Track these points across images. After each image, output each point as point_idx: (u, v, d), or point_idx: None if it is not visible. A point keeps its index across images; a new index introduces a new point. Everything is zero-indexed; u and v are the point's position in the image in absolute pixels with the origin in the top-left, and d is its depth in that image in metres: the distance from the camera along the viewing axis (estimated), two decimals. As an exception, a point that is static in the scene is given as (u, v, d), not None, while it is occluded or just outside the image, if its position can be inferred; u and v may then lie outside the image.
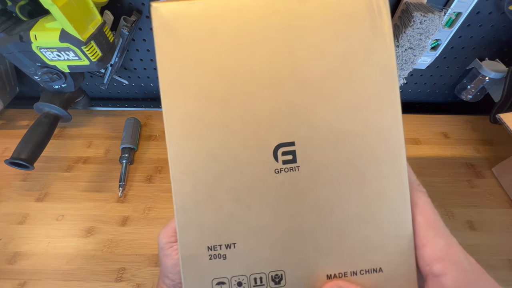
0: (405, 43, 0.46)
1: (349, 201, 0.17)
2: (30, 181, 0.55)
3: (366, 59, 0.16)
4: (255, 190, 0.17)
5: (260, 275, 0.17)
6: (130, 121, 0.61)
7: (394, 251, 0.17)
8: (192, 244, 0.17)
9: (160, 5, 0.16)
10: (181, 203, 0.17)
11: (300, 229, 0.17)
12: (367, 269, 0.17)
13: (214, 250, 0.17)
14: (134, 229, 0.49)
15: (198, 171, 0.16)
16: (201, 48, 0.16)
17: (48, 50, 0.41)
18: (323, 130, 0.16)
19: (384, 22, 0.16)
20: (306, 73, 0.16)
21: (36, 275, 0.44)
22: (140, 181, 0.55)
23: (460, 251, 0.16)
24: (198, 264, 0.17)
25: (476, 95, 0.61)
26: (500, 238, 0.48)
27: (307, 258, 0.17)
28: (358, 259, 0.17)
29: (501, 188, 0.54)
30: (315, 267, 0.17)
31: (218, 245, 0.17)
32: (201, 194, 0.17)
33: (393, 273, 0.17)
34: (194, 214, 0.17)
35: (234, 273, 0.17)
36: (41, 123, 0.49)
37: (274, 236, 0.17)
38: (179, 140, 0.16)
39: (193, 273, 0.17)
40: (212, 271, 0.17)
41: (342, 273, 0.17)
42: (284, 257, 0.17)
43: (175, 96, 0.16)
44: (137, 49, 0.57)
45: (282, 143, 0.16)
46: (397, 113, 0.17)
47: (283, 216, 0.17)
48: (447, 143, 0.61)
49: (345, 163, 0.17)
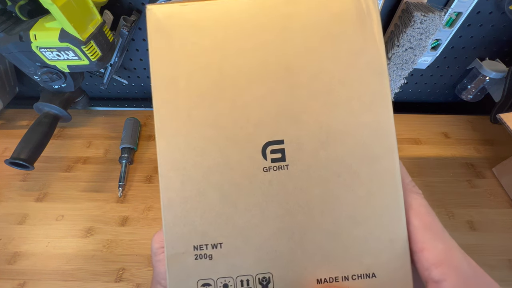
0: (405, 43, 0.46)
1: (341, 201, 0.16)
2: (29, 181, 0.55)
3: (355, 58, 0.16)
4: (242, 188, 0.16)
5: (247, 277, 0.16)
6: (129, 121, 0.61)
7: (388, 256, 0.16)
8: (178, 242, 0.16)
9: (154, 7, 0.16)
10: (168, 200, 0.16)
11: (289, 230, 0.16)
12: (359, 274, 0.16)
13: (200, 249, 0.16)
14: (133, 229, 0.49)
15: (187, 167, 0.16)
16: (192, 47, 0.16)
17: (47, 50, 0.41)
18: (313, 128, 0.16)
19: (373, 21, 0.16)
20: (296, 71, 0.16)
21: (35, 275, 0.44)
22: (140, 181, 0.55)
23: (460, 254, 0.16)
24: (184, 264, 0.16)
25: (477, 95, 0.61)
26: (500, 238, 0.48)
27: (296, 261, 0.16)
28: (350, 263, 0.16)
29: (501, 188, 0.53)
30: (305, 271, 0.16)
31: (204, 244, 0.16)
32: (189, 190, 0.16)
33: (387, 279, 0.16)
34: (181, 212, 0.16)
35: (220, 274, 0.16)
36: (41, 123, 0.49)
37: (261, 237, 0.16)
38: (168, 136, 0.16)
39: (178, 273, 0.16)
40: (197, 272, 0.16)
41: (333, 277, 0.16)
42: (272, 259, 0.16)
43: (165, 92, 0.16)
44: (137, 49, 0.57)
45: (271, 141, 0.16)
46: (389, 112, 0.16)
47: (272, 216, 0.16)
48: (447, 143, 0.61)
49: (336, 162, 0.16)
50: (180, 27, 0.16)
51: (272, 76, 0.16)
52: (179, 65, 0.16)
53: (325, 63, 0.16)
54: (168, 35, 0.16)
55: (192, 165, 0.16)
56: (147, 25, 0.17)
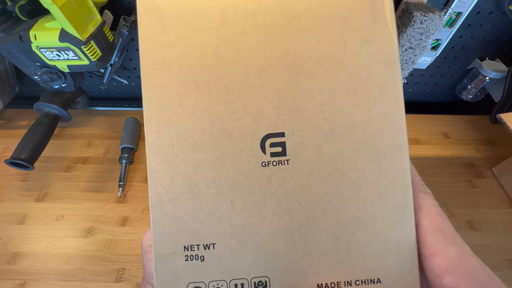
0: (405, 43, 0.46)
1: (345, 200, 0.15)
2: (29, 181, 0.55)
3: (364, 46, 0.15)
4: (239, 185, 0.15)
5: (242, 281, 0.15)
6: (129, 121, 0.61)
7: (395, 260, 0.15)
8: (167, 242, 0.15)
9: None
10: (156, 197, 0.15)
11: (289, 231, 0.15)
12: (363, 280, 0.15)
13: (191, 250, 0.15)
14: (133, 229, 0.49)
15: (177, 160, 0.15)
16: (186, 28, 0.15)
17: (47, 50, 0.41)
18: (316, 120, 0.15)
19: (386, 7, 0.15)
20: (299, 58, 0.15)
21: (35, 275, 0.44)
22: (140, 181, 0.55)
23: (475, 260, 0.15)
24: (173, 265, 0.15)
25: (477, 95, 0.61)
26: (500, 238, 0.48)
27: (296, 264, 0.15)
28: (354, 267, 0.15)
29: (501, 188, 0.53)
30: (304, 275, 0.15)
31: (196, 245, 0.15)
32: (180, 187, 0.15)
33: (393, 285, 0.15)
34: (171, 209, 0.15)
35: (212, 277, 0.15)
36: (41, 123, 0.49)
37: (258, 237, 0.15)
38: (158, 126, 0.15)
39: (167, 274, 0.15)
40: (188, 274, 0.15)
41: (335, 282, 0.15)
42: (269, 262, 0.15)
43: (155, 78, 0.15)
44: (137, 49, 0.57)
45: (271, 134, 0.15)
46: (399, 105, 0.15)
47: (270, 215, 0.15)
48: (447, 143, 0.61)
49: (341, 158, 0.15)
50: (172, 6, 0.15)
51: (274, 62, 0.15)
52: (172, 47, 0.15)
53: (331, 49, 0.15)
54: (160, 14, 0.15)
55: (183, 158, 0.15)
56: (137, 5, 0.15)
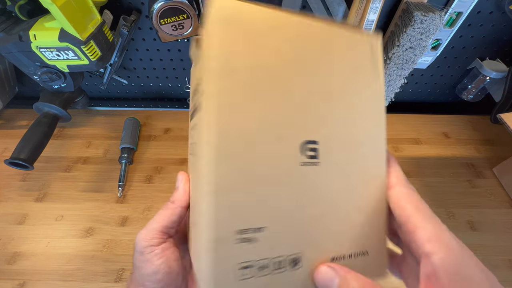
0: (405, 43, 0.46)
1: (354, 194, 0.20)
2: (29, 181, 0.55)
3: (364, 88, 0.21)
4: (284, 179, 0.18)
5: (281, 259, 0.18)
6: (129, 121, 0.61)
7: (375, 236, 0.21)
8: (221, 226, 0.17)
9: None
10: (215, 185, 0.17)
11: (315, 217, 0.19)
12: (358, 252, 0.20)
13: (243, 234, 0.17)
14: (133, 229, 0.49)
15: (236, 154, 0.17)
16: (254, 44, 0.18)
17: (47, 50, 0.41)
18: (338, 133, 0.20)
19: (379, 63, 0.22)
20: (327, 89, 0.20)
21: (35, 276, 0.44)
22: (140, 181, 0.55)
23: (450, 234, 0.17)
24: (226, 248, 0.17)
25: (477, 95, 0.61)
26: (501, 238, 0.48)
27: (318, 243, 0.19)
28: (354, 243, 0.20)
29: (502, 188, 0.53)
30: (326, 252, 0.19)
31: (247, 228, 0.17)
32: (237, 177, 0.17)
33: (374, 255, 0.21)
34: (228, 197, 0.17)
35: (259, 256, 0.18)
36: (40, 123, 0.49)
37: (295, 222, 0.19)
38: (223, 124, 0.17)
39: (219, 257, 0.17)
40: (238, 255, 0.17)
41: (341, 256, 0.20)
42: (301, 241, 0.19)
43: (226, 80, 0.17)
44: (137, 49, 0.57)
45: (309, 141, 0.19)
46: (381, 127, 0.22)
47: (303, 204, 0.19)
48: (447, 143, 0.61)
49: (354, 163, 0.21)
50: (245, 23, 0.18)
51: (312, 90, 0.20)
52: (242, 58, 0.18)
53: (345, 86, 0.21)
54: (233, 27, 0.17)
55: (241, 153, 0.17)
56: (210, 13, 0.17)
